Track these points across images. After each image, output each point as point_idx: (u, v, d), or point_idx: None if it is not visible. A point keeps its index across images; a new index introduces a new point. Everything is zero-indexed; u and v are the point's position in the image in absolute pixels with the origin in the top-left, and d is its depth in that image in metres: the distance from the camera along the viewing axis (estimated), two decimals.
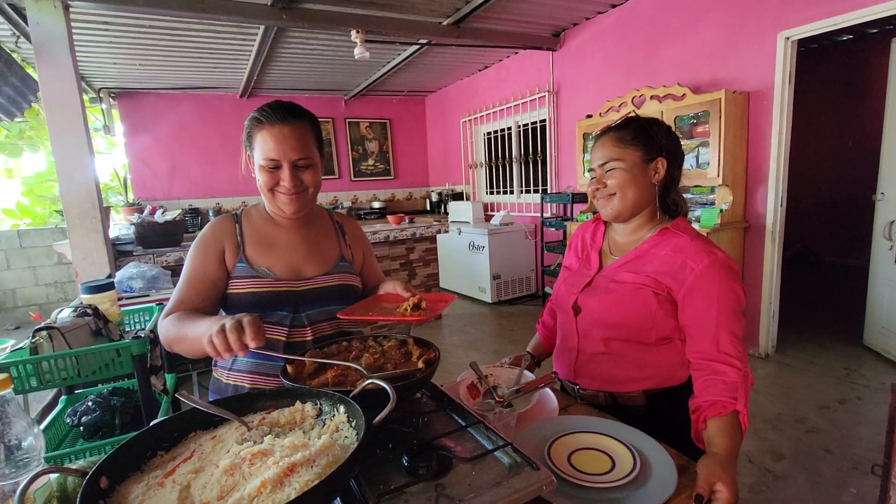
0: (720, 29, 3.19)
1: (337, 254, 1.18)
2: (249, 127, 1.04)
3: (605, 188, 1.08)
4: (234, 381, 1.09)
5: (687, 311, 1.01)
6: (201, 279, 1.05)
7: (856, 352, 3.17)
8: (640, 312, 1.04)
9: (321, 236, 1.19)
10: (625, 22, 3.88)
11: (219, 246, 1.08)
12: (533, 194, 5.30)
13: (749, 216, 3.22)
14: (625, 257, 1.11)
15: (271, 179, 1.03)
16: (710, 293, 0.98)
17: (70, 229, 2.81)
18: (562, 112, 4.66)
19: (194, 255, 1.07)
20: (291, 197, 1.05)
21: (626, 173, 1.06)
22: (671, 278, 1.02)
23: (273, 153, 1.00)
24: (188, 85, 5.33)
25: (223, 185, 5.94)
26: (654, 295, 1.03)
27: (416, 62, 5.08)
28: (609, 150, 1.07)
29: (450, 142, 6.61)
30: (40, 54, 2.70)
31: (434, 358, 0.88)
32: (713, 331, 0.97)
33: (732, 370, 0.93)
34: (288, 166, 1.01)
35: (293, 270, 1.10)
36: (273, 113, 1.02)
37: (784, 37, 2.88)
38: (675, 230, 1.06)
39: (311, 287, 1.10)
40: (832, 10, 2.65)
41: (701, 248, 1.01)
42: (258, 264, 1.08)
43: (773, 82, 2.96)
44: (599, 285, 1.12)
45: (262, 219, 1.15)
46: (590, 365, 1.14)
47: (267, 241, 1.12)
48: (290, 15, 3.35)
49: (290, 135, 1.01)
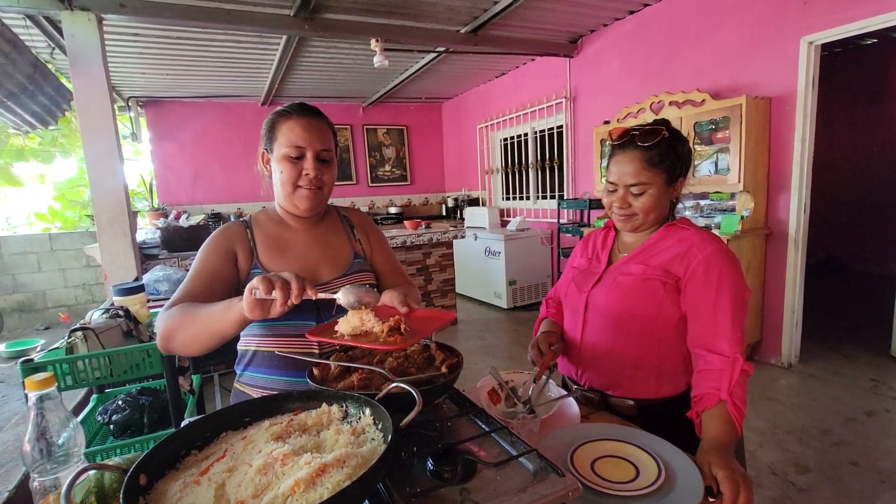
0: (741, 34, 3.16)
1: (350, 252, 1.19)
2: (273, 120, 1.07)
3: (627, 208, 1.08)
4: (258, 394, 1.09)
5: (689, 295, 1.03)
6: (212, 274, 1.02)
7: (884, 363, 3.08)
8: (646, 302, 1.06)
9: (332, 235, 1.20)
10: (643, 28, 3.86)
11: (231, 249, 1.07)
12: (549, 200, 5.28)
13: (771, 223, 3.16)
14: (632, 252, 1.13)
15: (294, 171, 1.04)
16: (711, 277, 1.00)
17: (100, 233, 2.90)
18: (579, 118, 4.65)
19: (204, 253, 1.05)
20: (312, 192, 1.06)
21: (652, 198, 1.06)
22: (677, 264, 1.04)
23: (300, 140, 1.03)
24: (212, 93, 5.47)
25: (245, 191, 6.06)
26: (661, 284, 1.05)
27: (434, 69, 5.13)
28: (638, 172, 1.05)
29: (466, 148, 6.64)
30: (74, 65, 2.81)
31: (457, 363, 0.90)
32: (710, 313, 0.99)
33: (719, 358, 0.94)
34: (313, 155, 1.04)
35: (309, 274, 1.10)
36: (299, 107, 1.07)
37: (807, 41, 2.84)
38: (681, 225, 1.10)
39: (329, 292, 1.11)
40: (856, 14, 2.61)
41: (705, 237, 1.05)
42: (273, 269, 1.08)
43: (796, 87, 2.91)
44: (607, 280, 1.14)
45: (272, 222, 1.15)
46: (590, 361, 1.15)
47: (279, 244, 1.12)
48: (311, 25, 3.43)
49: (316, 126, 1.06)
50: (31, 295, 5.12)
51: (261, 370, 1.09)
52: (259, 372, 1.09)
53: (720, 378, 0.91)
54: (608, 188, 1.13)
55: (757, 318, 3.24)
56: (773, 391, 2.79)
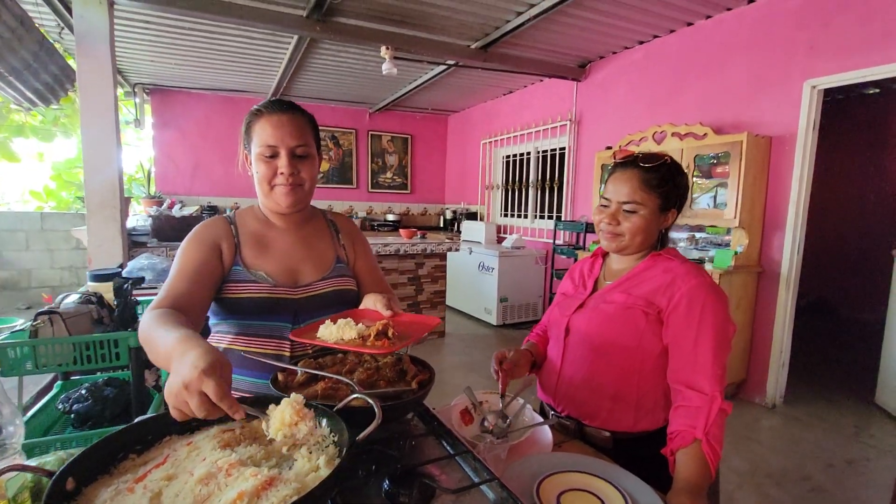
0: (747, 72, 3.19)
1: (333, 255, 1.17)
2: (248, 120, 1.06)
3: (616, 226, 1.07)
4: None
5: (671, 328, 1.00)
6: (197, 269, 0.98)
7: (867, 410, 3.05)
8: (627, 332, 1.03)
9: (316, 237, 1.18)
10: (651, 58, 3.90)
11: (216, 243, 1.04)
12: (546, 220, 5.28)
13: (764, 261, 3.16)
14: (617, 280, 1.11)
15: (269, 170, 1.03)
16: (694, 310, 0.98)
17: (89, 216, 2.86)
18: (582, 141, 4.67)
19: (189, 247, 1.02)
20: (289, 188, 1.04)
21: (643, 220, 1.05)
22: (660, 295, 1.02)
23: (271, 139, 1.01)
24: (219, 86, 5.47)
25: (244, 186, 6.03)
26: (643, 314, 1.02)
27: (442, 82, 5.16)
28: (633, 191, 1.04)
29: (468, 161, 6.65)
30: (81, 46, 2.81)
31: (428, 379, 0.86)
32: (691, 347, 0.96)
33: (698, 395, 0.92)
34: (286, 153, 1.02)
35: (290, 275, 1.08)
36: (271, 104, 1.06)
37: (811, 85, 2.86)
38: (667, 255, 1.08)
39: (310, 294, 1.08)
40: (860, 62, 2.64)
41: (690, 270, 1.03)
42: (255, 268, 1.06)
43: (797, 129, 2.93)
44: (590, 306, 1.12)
45: (257, 220, 1.13)
46: (568, 389, 1.12)
47: (262, 242, 1.10)
48: (323, 27, 3.44)
49: (288, 122, 1.03)
50: (16, 273, 5.04)
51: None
52: None
53: (697, 416, 0.88)
54: (601, 204, 1.11)
55: (744, 356, 3.22)
56: (756, 431, 2.76)
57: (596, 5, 3.23)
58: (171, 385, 0.63)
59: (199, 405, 0.60)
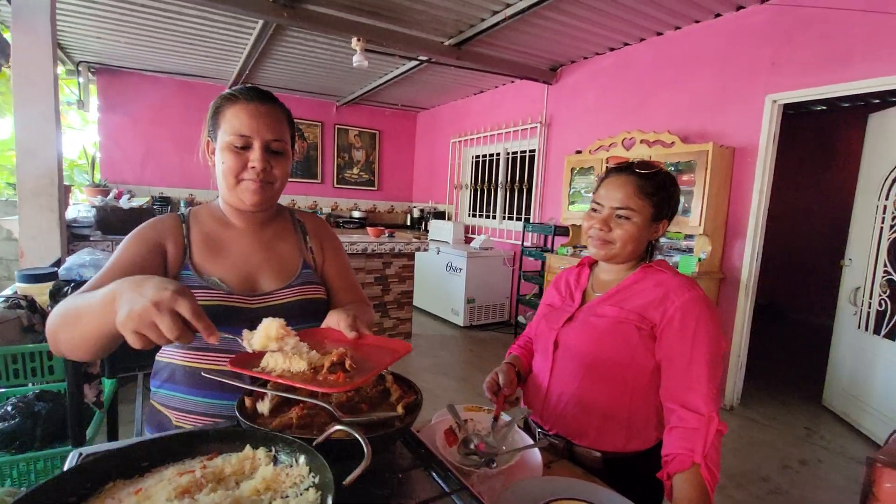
0: (713, 84, 3.28)
1: (298, 261, 1.05)
2: (217, 105, 0.95)
3: (607, 232, 1.03)
4: (175, 416, 0.93)
5: (664, 343, 0.97)
6: (131, 268, 0.85)
7: (816, 411, 3.21)
8: (619, 347, 0.99)
9: (280, 239, 1.06)
10: (621, 65, 3.96)
11: (160, 243, 0.92)
12: (515, 222, 5.29)
13: (725, 268, 3.26)
14: (607, 292, 1.07)
15: (238, 162, 0.91)
16: (688, 326, 0.95)
17: (21, 204, 2.58)
18: (551, 144, 4.69)
19: (128, 244, 0.90)
20: (258, 185, 0.93)
21: (635, 228, 1.01)
22: (653, 310, 0.98)
23: (246, 129, 0.90)
24: (175, 70, 5.13)
25: (200, 177, 5.70)
26: (636, 329, 0.99)
27: (413, 78, 5.05)
28: (628, 197, 1.01)
29: (437, 160, 6.58)
30: (17, 18, 2.53)
31: (415, 403, 0.78)
32: (685, 365, 0.93)
33: (695, 417, 0.88)
34: (260, 146, 0.91)
35: (247, 282, 0.97)
36: (249, 91, 0.94)
37: (772, 100, 2.98)
38: (658, 267, 1.05)
39: (269, 304, 0.96)
40: (818, 80, 2.76)
41: (683, 283, 1.00)
42: (206, 273, 0.94)
43: (759, 141, 3.05)
44: (580, 319, 1.07)
45: (213, 219, 1.01)
46: (557, 407, 1.07)
47: (217, 245, 0.98)
48: (291, 14, 3.27)
49: (265, 113, 0.93)
50: None
51: (179, 388, 0.93)
52: (177, 391, 0.93)
53: (694, 438, 0.85)
54: (592, 208, 1.07)
55: None
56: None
57: (570, 9, 3.24)
58: (134, 306, 0.59)
59: (170, 325, 0.58)
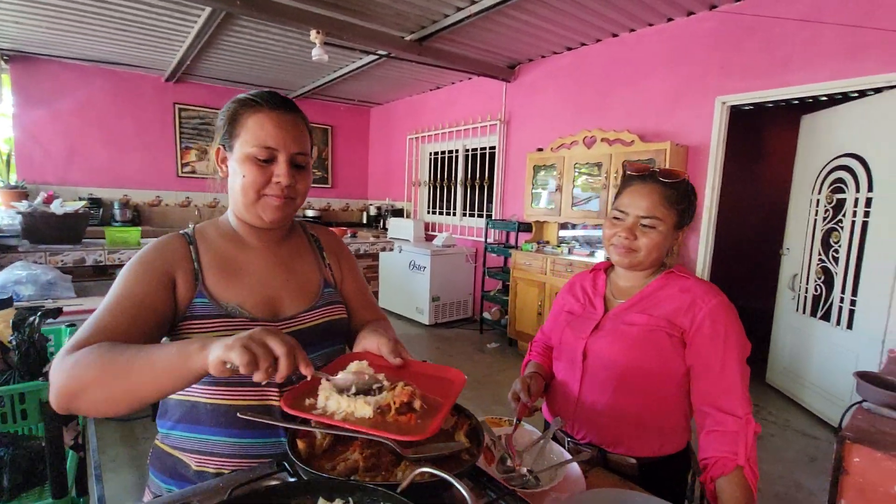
0: (667, 85, 3.45)
1: (319, 279, 0.98)
2: (235, 111, 0.85)
3: (633, 241, 1.04)
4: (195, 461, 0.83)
5: (695, 349, 0.99)
6: (139, 305, 0.76)
7: (762, 389, 3.51)
8: (652, 355, 1.01)
9: (298, 258, 0.98)
10: (579, 64, 4.07)
11: (168, 272, 0.82)
12: (475, 218, 5.32)
13: (681, 259, 3.46)
14: (631, 299, 1.08)
15: (262, 176, 0.83)
16: (718, 331, 0.98)
17: None
18: (511, 141, 4.75)
19: (131, 276, 0.79)
20: (281, 201, 0.85)
21: (661, 237, 1.03)
22: (682, 316, 1.00)
23: (272, 140, 0.83)
24: (103, 58, 4.65)
25: (135, 176, 5.25)
26: (667, 336, 1.00)
27: (370, 72, 4.91)
28: (654, 206, 1.02)
29: (393, 156, 6.47)
30: None
31: (473, 429, 0.75)
32: (718, 369, 0.96)
33: (733, 419, 0.92)
34: (286, 159, 0.84)
35: (269, 307, 0.88)
36: (273, 98, 0.86)
37: (721, 101, 3.18)
38: (679, 273, 1.07)
39: (296, 329, 0.89)
40: (763, 84, 2.97)
41: (708, 289, 1.03)
42: (224, 299, 0.84)
43: (710, 140, 3.25)
44: (608, 328, 1.07)
45: (224, 237, 0.92)
46: (588, 415, 1.07)
47: (232, 267, 0.89)
48: (244, 2, 3.05)
49: (291, 124, 0.86)
50: None
51: (200, 428, 0.83)
52: (197, 431, 0.83)
53: (736, 441, 0.88)
54: (615, 216, 1.07)
55: None
56: None
57: (532, 8, 3.26)
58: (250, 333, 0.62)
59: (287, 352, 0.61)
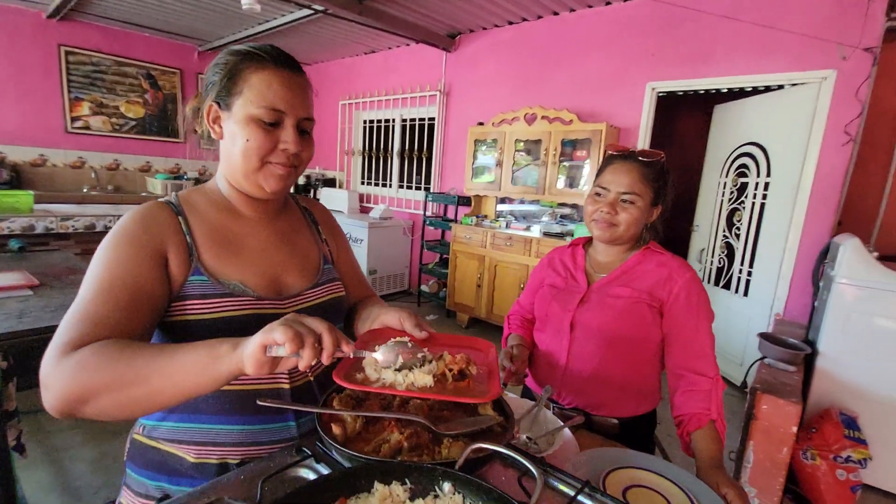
0: (603, 68, 3.61)
1: (318, 255, 0.93)
2: (235, 64, 0.75)
3: (614, 215, 1.10)
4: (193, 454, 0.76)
5: (671, 318, 1.09)
6: (133, 289, 0.67)
7: None
8: (635, 324, 1.10)
9: (296, 232, 0.92)
10: (521, 40, 4.10)
11: (158, 249, 0.72)
12: (412, 191, 5.26)
13: None
14: (612, 273, 1.16)
15: (267, 141, 0.74)
16: (692, 301, 1.08)
17: None
18: (451, 113, 4.71)
19: (117, 255, 0.69)
20: (286, 170, 0.78)
21: (639, 211, 1.10)
22: (660, 289, 1.10)
23: (280, 102, 0.74)
24: None
25: (11, 128, 4.45)
26: (648, 307, 1.10)
27: (301, 28, 4.55)
28: (634, 182, 1.09)
29: (324, 122, 6.12)
30: None
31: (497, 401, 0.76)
32: (692, 336, 1.07)
33: (704, 380, 1.04)
34: (293, 124, 0.76)
35: (273, 284, 0.82)
36: (278, 54, 0.77)
37: (651, 87, 3.41)
38: (655, 249, 1.17)
39: (302, 307, 0.84)
40: (688, 73, 3.22)
41: (682, 264, 1.13)
42: (225, 276, 0.76)
43: (640, 123, 3.48)
44: (594, 300, 1.15)
45: (216, 208, 0.82)
46: (574, 384, 1.15)
47: (230, 241, 0.80)
48: None
49: (299, 85, 0.78)
50: None
51: (200, 417, 0.75)
52: (198, 420, 0.76)
53: (708, 399, 0.99)
54: (596, 193, 1.14)
55: None
56: None
57: None
58: (284, 317, 0.58)
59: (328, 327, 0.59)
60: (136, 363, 0.57)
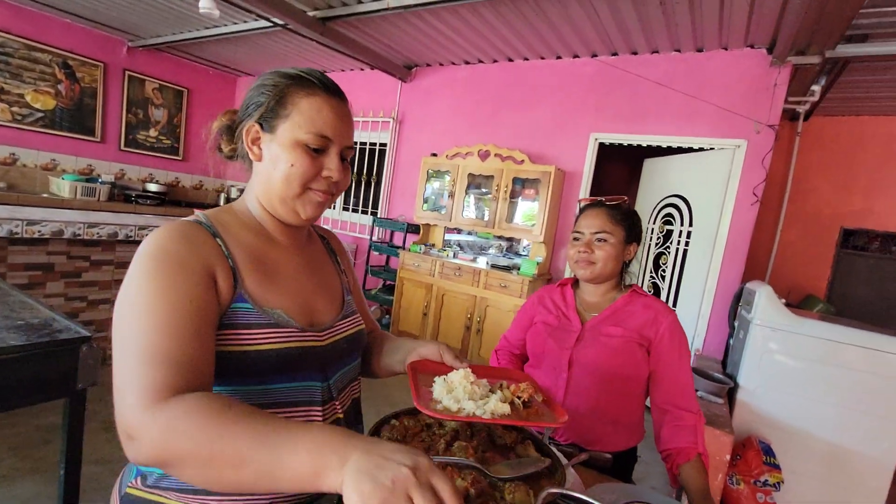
0: (552, 115, 3.89)
1: (340, 286, 0.90)
2: (285, 88, 0.73)
3: (591, 254, 1.20)
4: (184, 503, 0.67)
5: (656, 356, 1.19)
6: (198, 321, 0.61)
7: None
8: (628, 361, 1.18)
9: (321, 262, 0.89)
10: (475, 80, 4.30)
11: (209, 272, 0.66)
12: (357, 214, 5.18)
13: (552, 269, 3.94)
14: (603, 313, 1.24)
15: (312, 168, 0.73)
16: (675, 340, 1.19)
17: None
18: (402, 141, 4.76)
19: (168, 280, 0.61)
20: (326, 197, 0.76)
21: (613, 248, 1.21)
22: (648, 329, 1.19)
23: (329, 129, 0.73)
24: None
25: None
26: (638, 346, 1.18)
27: (252, 39, 4.39)
28: (603, 223, 1.21)
29: None
30: None
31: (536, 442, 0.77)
32: (676, 373, 1.17)
33: (689, 415, 1.13)
34: (338, 152, 0.75)
35: (307, 314, 0.77)
36: (327, 82, 0.76)
37: (594, 137, 3.72)
38: (639, 292, 1.27)
39: (336, 339, 0.80)
40: (626, 129, 3.58)
41: (664, 307, 1.24)
42: (268, 304, 0.72)
43: (583, 169, 3.77)
44: (588, 339, 1.21)
45: (250, 231, 0.77)
46: (571, 420, 1.19)
47: (267, 267, 0.75)
48: None
49: (347, 114, 0.77)
50: None
51: None
52: None
53: (694, 433, 1.08)
54: (574, 237, 1.25)
55: None
56: None
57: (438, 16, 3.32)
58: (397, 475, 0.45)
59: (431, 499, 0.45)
60: (238, 444, 0.50)
